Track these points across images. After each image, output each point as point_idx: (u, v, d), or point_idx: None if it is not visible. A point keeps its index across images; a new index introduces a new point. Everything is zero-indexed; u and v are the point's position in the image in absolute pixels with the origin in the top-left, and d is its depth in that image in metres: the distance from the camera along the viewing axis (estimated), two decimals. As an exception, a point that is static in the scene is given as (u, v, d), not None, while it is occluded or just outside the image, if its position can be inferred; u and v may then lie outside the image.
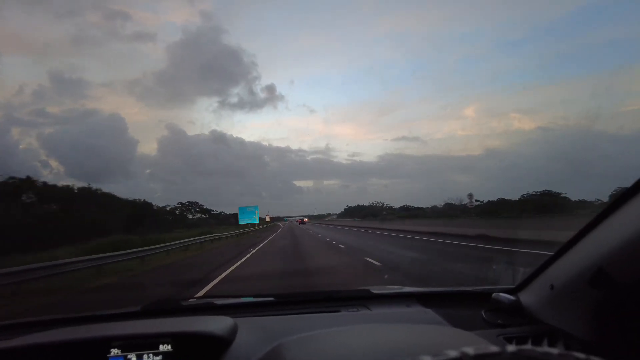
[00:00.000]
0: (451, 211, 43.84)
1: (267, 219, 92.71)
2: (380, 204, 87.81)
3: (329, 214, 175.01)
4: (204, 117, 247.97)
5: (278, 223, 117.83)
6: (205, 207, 69.40)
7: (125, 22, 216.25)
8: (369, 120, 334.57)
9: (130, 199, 45.23)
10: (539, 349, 0.39)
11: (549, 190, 41.38)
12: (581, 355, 0.38)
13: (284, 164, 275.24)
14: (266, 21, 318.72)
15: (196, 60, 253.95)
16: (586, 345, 0.90)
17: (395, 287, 1.88)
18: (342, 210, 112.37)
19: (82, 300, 6.65)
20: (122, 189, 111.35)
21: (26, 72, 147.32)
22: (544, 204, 35.20)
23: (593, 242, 0.89)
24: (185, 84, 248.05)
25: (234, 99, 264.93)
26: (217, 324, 1.09)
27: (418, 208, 69.68)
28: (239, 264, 10.74)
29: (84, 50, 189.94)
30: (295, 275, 7.79)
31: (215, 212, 72.91)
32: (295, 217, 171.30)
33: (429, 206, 61.55)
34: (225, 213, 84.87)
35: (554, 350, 0.38)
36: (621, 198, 0.81)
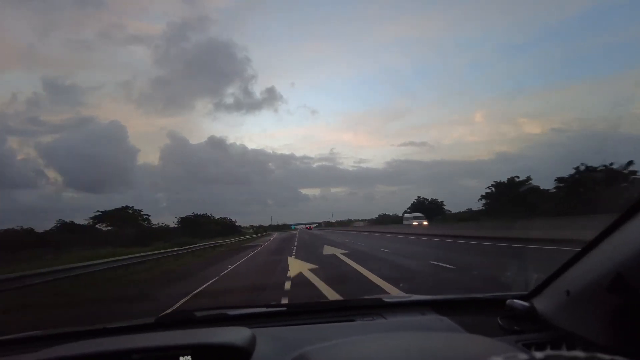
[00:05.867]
0: None
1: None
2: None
3: (349, 220, 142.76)
4: (206, 125, 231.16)
5: (273, 233, 74.75)
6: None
7: (120, 26, 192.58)
8: (375, 127, 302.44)
9: None
10: (565, 353, 0.39)
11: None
12: (606, 356, 0.39)
13: (289, 171, 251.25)
14: (271, 29, 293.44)
15: (197, 65, 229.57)
16: (604, 350, 0.83)
17: (407, 295, 1.88)
18: (409, 207, 65.28)
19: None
20: (125, 199, 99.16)
21: (19, 81, 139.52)
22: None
23: (611, 247, 0.88)
24: (187, 90, 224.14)
25: (236, 105, 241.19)
26: (236, 335, 1.08)
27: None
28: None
29: (77, 57, 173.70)
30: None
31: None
32: (305, 224, 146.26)
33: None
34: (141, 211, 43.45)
35: (581, 354, 0.39)
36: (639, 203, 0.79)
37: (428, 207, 54.04)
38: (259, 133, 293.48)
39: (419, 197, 62.07)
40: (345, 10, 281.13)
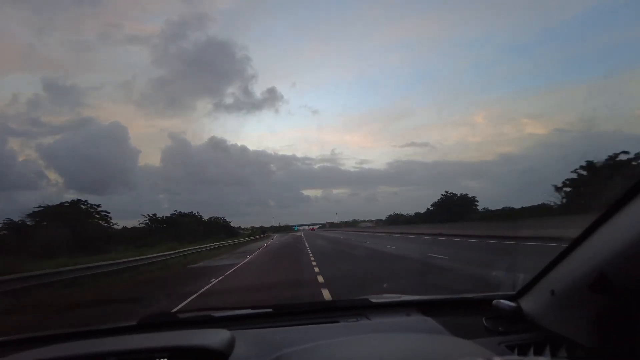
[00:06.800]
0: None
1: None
2: None
3: (354, 220, 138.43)
4: (207, 126, 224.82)
5: (273, 235, 66.96)
6: None
7: (120, 27, 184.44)
8: (377, 127, 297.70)
9: None
10: (526, 358, 0.38)
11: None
12: None
13: (291, 172, 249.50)
14: (272, 29, 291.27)
15: (197, 65, 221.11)
16: (588, 351, 0.89)
17: (394, 295, 1.83)
18: (432, 205, 58.83)
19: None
20: (125, 201, 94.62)
21: (20, 82, 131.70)
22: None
23: (594, 246, 0.88)
24: (188, 90, 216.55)
25: (237, 105, 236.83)
26: (213, 337, 1.08)
27: None
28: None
29: (78, 58, 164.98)
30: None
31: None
32: (308, 225, 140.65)
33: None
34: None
35: (543, 359, 0.38)
36: (622, 200, 0.78)
37: (457, 204, 45.64)
38: (260, 134, 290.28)
39: (447, 192, 53.27)
40: (347, 11, 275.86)
